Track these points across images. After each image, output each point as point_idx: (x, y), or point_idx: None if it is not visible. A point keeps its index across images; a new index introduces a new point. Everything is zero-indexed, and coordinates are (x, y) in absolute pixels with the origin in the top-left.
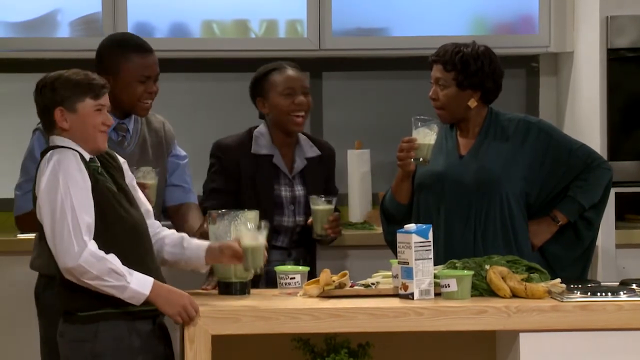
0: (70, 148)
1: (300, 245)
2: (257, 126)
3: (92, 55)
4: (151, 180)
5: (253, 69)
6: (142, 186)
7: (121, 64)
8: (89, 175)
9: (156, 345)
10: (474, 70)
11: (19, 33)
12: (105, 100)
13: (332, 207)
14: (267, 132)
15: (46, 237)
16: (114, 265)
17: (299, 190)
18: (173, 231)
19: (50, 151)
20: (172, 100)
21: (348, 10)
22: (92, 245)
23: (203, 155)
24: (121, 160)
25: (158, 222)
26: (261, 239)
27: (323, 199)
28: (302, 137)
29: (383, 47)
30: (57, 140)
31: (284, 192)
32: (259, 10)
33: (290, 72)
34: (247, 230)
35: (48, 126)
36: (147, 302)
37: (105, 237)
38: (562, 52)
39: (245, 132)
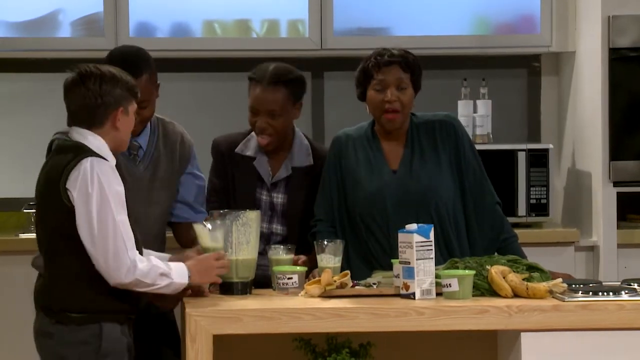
0: (101, 157)
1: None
2: None
3: (94, 55)
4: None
5: None
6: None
7: None
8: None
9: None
10: (419, 72)
11: (21, 33)
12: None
13: None
14: None
15: (88, 249)
16: (160, 269)
17: (278, 197)
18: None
19: (89, 158)
20: (173, 100)
21: (349, 10)
22: (139, 259)
23: (204, 156)
24: None
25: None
26: (219, 237)
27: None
28: (299, 144)
29: (384, 46)
30: (91, 139)
31: (264, 197)
32: (261, 10)
33: (259, 90)
34: (207, 230)
35: (90, 121)
36: None
37: None
38: (563, 51)
39: (246, 130)
